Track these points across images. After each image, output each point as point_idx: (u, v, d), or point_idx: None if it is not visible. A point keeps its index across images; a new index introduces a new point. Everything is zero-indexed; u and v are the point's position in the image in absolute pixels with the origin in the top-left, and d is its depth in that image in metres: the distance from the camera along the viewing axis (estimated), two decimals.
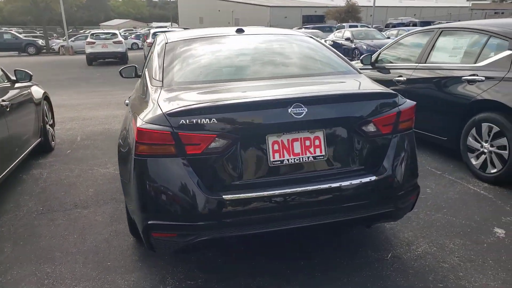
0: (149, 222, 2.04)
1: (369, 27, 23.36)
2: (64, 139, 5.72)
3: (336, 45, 17.54)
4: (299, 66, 2.78)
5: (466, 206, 3.29)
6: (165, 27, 34.89)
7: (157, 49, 2.87)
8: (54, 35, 42.04)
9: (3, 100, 3.76)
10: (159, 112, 2.02)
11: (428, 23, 22.41)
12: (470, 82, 3.92)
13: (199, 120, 1.95)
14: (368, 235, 2.86)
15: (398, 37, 5.48)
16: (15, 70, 4.43)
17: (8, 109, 3.77)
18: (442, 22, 19.48)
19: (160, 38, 3.06)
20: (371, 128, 2.17)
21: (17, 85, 4.43)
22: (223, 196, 1.98)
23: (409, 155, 2.32)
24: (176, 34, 3.15)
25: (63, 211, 3.39)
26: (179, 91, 2.31)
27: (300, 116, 2.02)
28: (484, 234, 2.85)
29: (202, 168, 1.99)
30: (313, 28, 26.52)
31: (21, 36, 29.75)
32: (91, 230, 3.04)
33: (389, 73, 5.09)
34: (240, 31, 3.10)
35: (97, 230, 3.04)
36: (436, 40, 4.60)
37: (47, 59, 23.72)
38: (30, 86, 4.84)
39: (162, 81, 2.44)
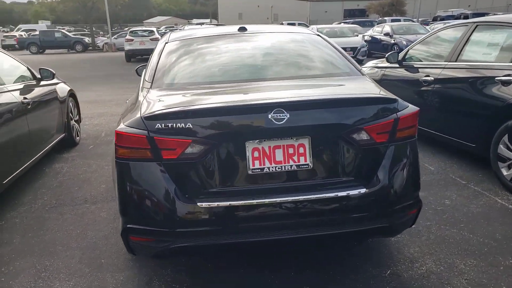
0: (127, 226, 2.03)
1: (413, 21, 22.32)
2: (90, 134, 5.92)
3: (374, 41, 16.98)
4: (296, 67, 2.66)
5: (488, 222, 3.00)
6: (203, 23, 35.39)
7: (156, 49, 2.86)
8: (101, 33, 43.89)
9: (25, 98, 3.92)
10: (138, 115, 1.99)
11: (482, 15, 20.58)
12: (505, 83, 3.58)
13: (174, 124, 1.89)
14: (369, 249, 2.69)
15: (429, 33, 5.13)
16: (40, 69, 4.62)
17: (29, 106, 3.93)
18: (498, 14, 17.82)
19: (163, 38, 3.04)
20: (363, 136, 2.01)
21: (42, 83, 4.61)
22: (198, 204, 1.91)
23: (409, 166, 2.13)
24: (179, 33, 3.11)
25: (73, 205, 3.49)
26: (165, 93, 2.27)
27: (281, 122, 1.91)
28: (503, 255, 2.57)
29: (178, 174, 1.94)
30: (352, 23, 25.83)
31: (70, 34, 31.32)
32: (94, 226, 3.10)
33: (418, 72, 4.78)
34: (242, 29, 3.01)
35: (100, 226, 3.09)
36: (469, 36, 4.22)
37: (91, 56, 24.80)
38: (56, 83, 5.02)
39: (152, 83, 2.42)
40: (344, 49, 15.03)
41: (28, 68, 4.52)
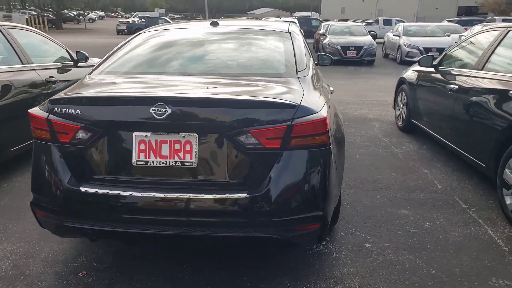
0: (33, 200, 2.20)
1: None
2: None
3: None
4: (228, 64, 2.60)
5: (457, 254, 2.59)
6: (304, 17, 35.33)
7: (128, 39, 3.00)
8: None
9: (50, 77, 4.41)
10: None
11: None
12: None
13: (67, 109, 2.00)
14: (300, 261, 2.52)
15: (468, 35, 4.47)
16: (76, 52, 5.12)
17: (53, 85, 4.41)
18: None
19: (144, 30, 3.20)
20: (250, 139, 1.90)
21: (80, 64, 5.11)
22: (81, 188, 2.00)
23: (308, 177, 1.95)
24: (161, 26, 3.24)
25: None
26: (88, 81, 2.40)
27: (162, 117, 1.89)
28: None
29: (70, 157, 2.04)
30: (457, 22, 23.53)
31: (170, 21, 33.89)
32: None
33: (448, 79, 4.23)
34: (214, 24, 3.04)
35: None
36: (499, 42, 3.61)
37: None
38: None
39: (92, 70, 2.56)
40: (429, 49, 13.68)
41: (67, 51, 5.05)
